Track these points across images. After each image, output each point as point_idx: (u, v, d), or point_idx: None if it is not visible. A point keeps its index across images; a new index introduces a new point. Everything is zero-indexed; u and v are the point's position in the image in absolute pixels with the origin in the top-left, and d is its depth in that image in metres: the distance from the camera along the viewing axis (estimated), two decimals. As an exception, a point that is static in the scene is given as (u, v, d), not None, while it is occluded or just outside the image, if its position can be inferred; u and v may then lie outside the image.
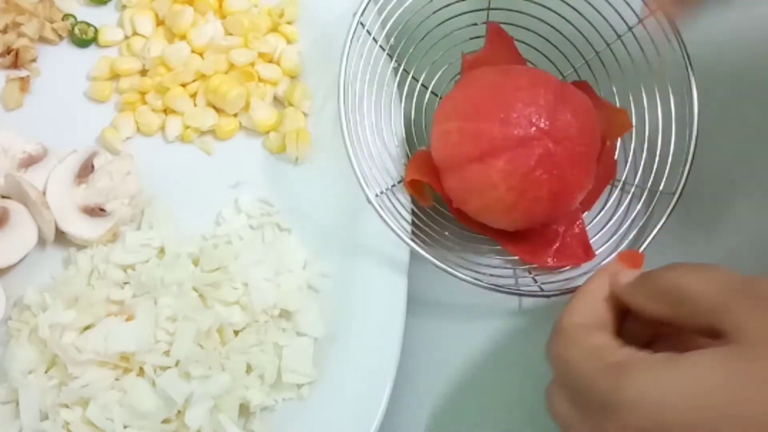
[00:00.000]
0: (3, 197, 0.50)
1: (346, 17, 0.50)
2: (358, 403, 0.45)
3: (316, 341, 0.47)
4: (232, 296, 0.47)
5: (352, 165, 0.47)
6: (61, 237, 0.50)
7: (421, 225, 0.49)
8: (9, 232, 0.49)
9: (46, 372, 0.45)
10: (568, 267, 0.51)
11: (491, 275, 0.49)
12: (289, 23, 0.56)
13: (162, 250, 0.49)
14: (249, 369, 0.46)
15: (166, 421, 0.44)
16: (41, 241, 0.50)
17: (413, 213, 0.49)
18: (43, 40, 0.56)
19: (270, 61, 0.55)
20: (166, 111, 0.54)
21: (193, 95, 0.54)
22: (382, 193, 0.48)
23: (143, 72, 0.55)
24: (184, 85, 0.54)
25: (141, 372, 0.45)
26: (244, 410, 0.45)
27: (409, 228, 0.48)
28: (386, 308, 0.47)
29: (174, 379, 0.44)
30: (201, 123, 0.53)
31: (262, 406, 0.45)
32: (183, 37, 0.55)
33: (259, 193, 0.52)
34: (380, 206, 0.47)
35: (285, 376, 0.46)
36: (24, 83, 0.54)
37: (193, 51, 0.55)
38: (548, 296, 0.49)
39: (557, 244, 0.50)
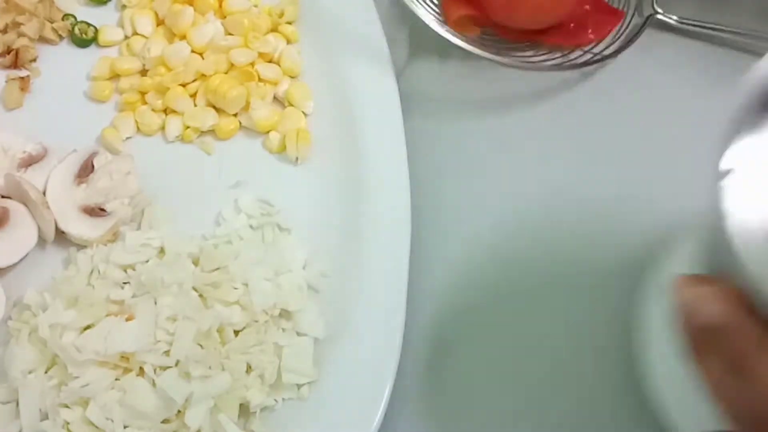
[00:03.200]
0: (3, 197, 0.50)
1: (346, 17, 0.50)
2: (358, 403, 0.45)
3: (316, 341, 0.47)
4: (232, 296, 0.47)
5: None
6: (61, 237, 0.50)
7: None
8: (9, 232, 0.49)
9: (46, 372, 0.45)
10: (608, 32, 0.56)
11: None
12: (289, 23, 0.56)
13: (162, 250, 0.49)
14: (249, 369, 0.46)
15: (166, 421, 0.44)
16: (41, 241, 0.50)
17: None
18: (43, 40, 0.56)
19: (270, 61, 0.55)
20: (166, 111, 0.54)
21: (193, 95, 0.54)
22: None
23: (143, 72, 0.55)
24: (184, 85, 0.54)
25: (141, 372, 0.45)
26: (244, 410, 0.45)
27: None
28: (386, 308, 0.47)
29: (174, 379, 0.44)
30: (201, 123, 0.53)
31: (262, 406, 0.45)
32: (183, 37, 0.55)
33: (259, 193, 0.52)
34: None
35: (285, 376, 0.46)
36: (24, 83, 0.54)
37: (193, 51, 0.55)
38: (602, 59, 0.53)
39: (591, 21, 0.56)
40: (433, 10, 0.55)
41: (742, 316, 0.28)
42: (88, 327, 0.46)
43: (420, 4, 0.54)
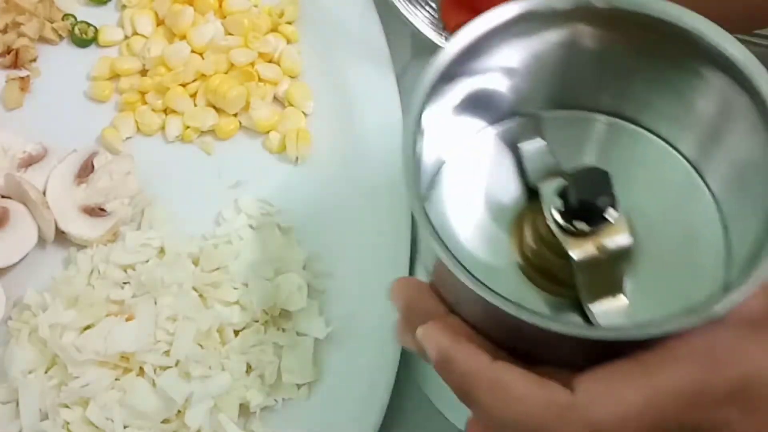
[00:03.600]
0: (3, 197, 0.50)
1: (346, 17, 0.50)
2: (358, 403, 0.45)
3: (316, 341, 0.47)
4: (232, 296, 0.47)
5: None
6: (61, 237, 0.50)
7: None
8: (9, 232, 0.49)
9: (46, 372, 0.45)
10: None
11: None
12: (289, 23, 0.56)
13: (162, 250, 0.49)
14: (249, 369, 0.46)
15: (166, 421, 0.44)
16: (41, 241, 0.50)
17: None
18: (43, 40, 0.56)
19: (270, 61, 0.55)
20: (166, 111, 0.54)
21: (193, 95, 0.54)
22: None
23: (143, 72, 0.55)
24: (184, 85, 0.54)
25: (141, 372, 0.45)
26: (244, 410, 0.45)
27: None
28: (386, 308, 0.47)
29: (174, 379, 0.44)
30: (201, 123, 0.53)
31: (262, 406, 0.45)
32: (183, 37, 0.55)
33: (259, 193, 0.52)
34: None
35: (285, 376, 0.46)
36: (24, 83, 0.54)
37: (193, 51, 0.55)
38: None
39: None
40: (432, 16, 0.54)
41: (459, 350, 0.30)
42: (88, 327, 0.46)
43: (418, 11, 0.54)
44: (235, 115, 0.54)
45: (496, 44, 0.35)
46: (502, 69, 0.36)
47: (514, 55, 0.36)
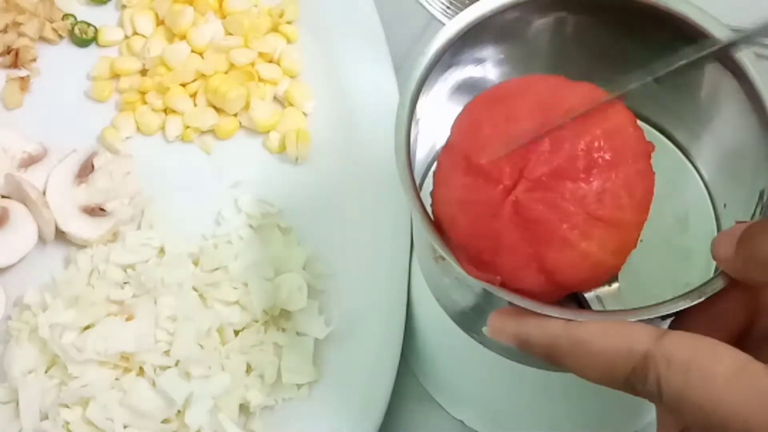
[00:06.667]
0: (3, 197, 0.50)
1: (346, 16, 0.50)
2: (358, 403, 0.45)
3: (316, 341, 0.47)
4: (232, 296, 0.47)
5: None
6: (61, 237, 0.50)
7: None
8: (9, 232, 0.49)
9: (46, 372, 0.45)
10: None
11: None
12: (289, 23, 0.56)
13: (162, 250, 0.49)
14: (249, 369, 0.46)
15: (166, 421, 0.44)
16: (41, 241, 0.50)
17: None
18: (43, 39, 0.56)
19: (270, 61, 0.55)
20: (166, 111, 0.54)
21: (193, 95, 0.54)
22: None
23: (143, 72, 0.55)
24: (184, 85, 0.54)
25: (141, 372, 0.45)
26: (244, 410, 0.45)
27: None
28: (386, 308, 0.47)
29: (174, 379, 0.44)
30: (201, 123, 0.53)
31: (262, 406, 0.45)
32: (183, 37, 0.55)
33: (259, 193, 0.52)
34: None
35: (285, 376, 0.46)
36: (24, 83, 0.54)
37: (193, 51, 0.55)
38: None
39: None
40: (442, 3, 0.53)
41: (530, 327, 0.30)
42: (88, 327, 0.46)
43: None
44: (235, 115, 0.54)
45: (487, 33, 0.35)
46: (493, 58, 0.36)
47: (504, 44, 0.36)
